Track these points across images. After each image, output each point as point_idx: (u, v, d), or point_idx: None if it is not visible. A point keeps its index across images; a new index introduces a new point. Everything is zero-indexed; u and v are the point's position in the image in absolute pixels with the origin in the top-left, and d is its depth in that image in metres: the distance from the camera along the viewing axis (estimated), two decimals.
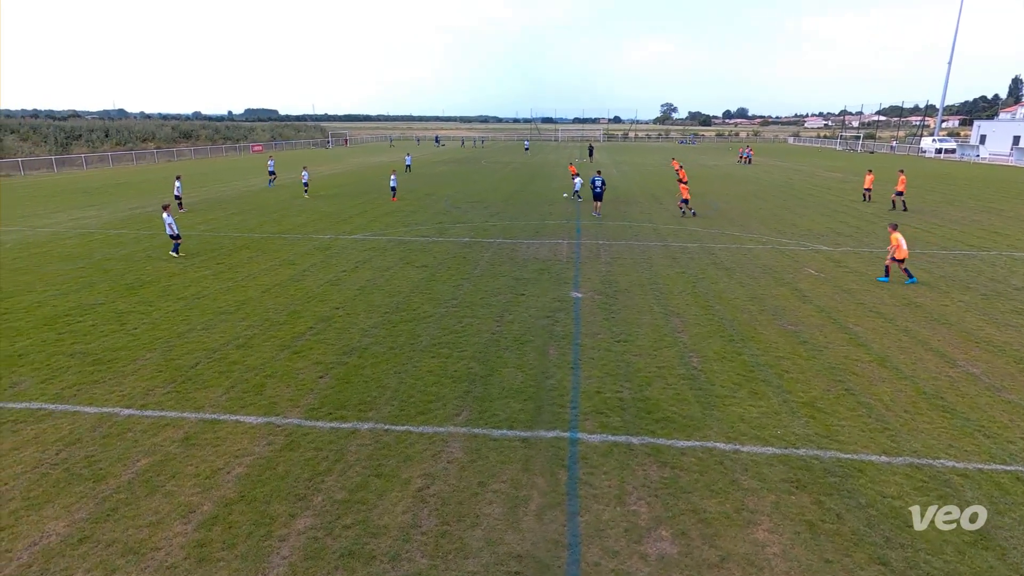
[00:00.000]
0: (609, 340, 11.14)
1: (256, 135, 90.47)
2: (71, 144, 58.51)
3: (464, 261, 17.29)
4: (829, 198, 31.70)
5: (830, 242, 20.12)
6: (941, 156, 71.52)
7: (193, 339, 11.11)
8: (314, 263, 16.97)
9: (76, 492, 6.63)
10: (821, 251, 18.77)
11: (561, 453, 7.42)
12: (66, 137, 59.00)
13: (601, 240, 20.36)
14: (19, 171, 46.70)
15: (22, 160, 48.27)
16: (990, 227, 23.01)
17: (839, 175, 45.65)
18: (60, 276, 15.54)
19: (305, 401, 8.71)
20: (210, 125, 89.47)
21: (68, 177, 44.46)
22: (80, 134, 61.27)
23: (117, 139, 64.29)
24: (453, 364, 10.00)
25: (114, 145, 62.50)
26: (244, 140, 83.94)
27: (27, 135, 55.90)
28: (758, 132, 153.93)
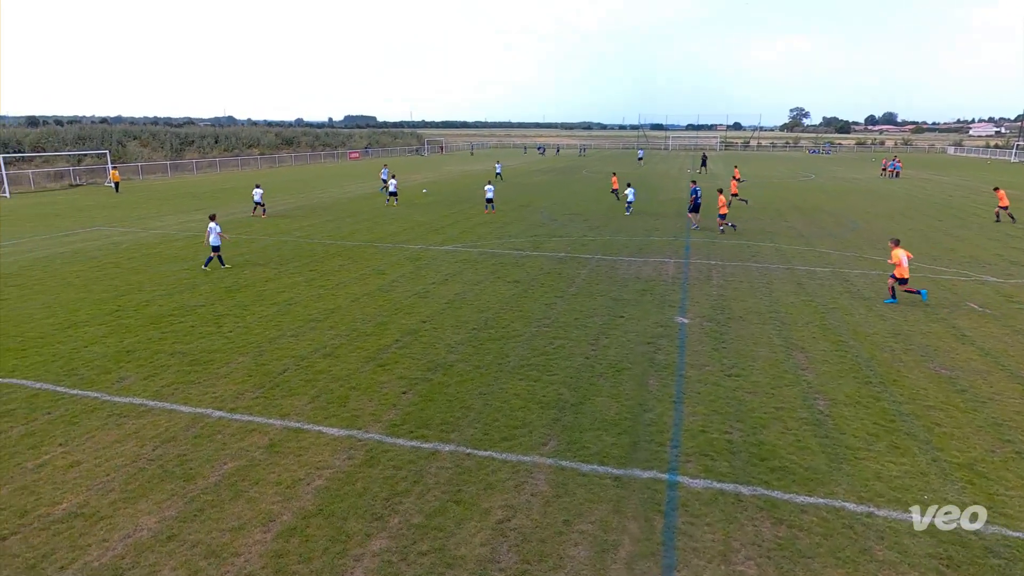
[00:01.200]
0: (718, 373, 10.66)
1: (354, 142, 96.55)
2: (184, 150, 65.54)
3: (559, 278, 17.32)
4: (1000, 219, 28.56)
5: (999, 272, 18.07)
6: None
7: (283, 345, 11.94)
8: (404, 273, 17.72)
9: (168, 489, 7.30)
10: (987, 283, 16.91)
11: (658, 497, 7.15)
12: (180, 143, 66.19)
13: (713, 260, 19.63)
14: (139, 175, 52.93)
15: (141, 164, 54.71)
16: None
17: (1013, 192, 41.00)
18: (167, 277, 17.34)
19: (387, 416, 9.06)
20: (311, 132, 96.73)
21: (180, 181, 49.75)
22: (193, 140, 68.51)
23: (225, 145, 71.19)
24: (542, 389, 10.00)
25: (222, 151, 69.23)
26: (342, 147, 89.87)
27: (147, 141, 63.33)
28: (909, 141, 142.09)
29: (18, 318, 13.62)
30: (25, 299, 15.13)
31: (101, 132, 60.17)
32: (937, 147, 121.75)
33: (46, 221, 28.18)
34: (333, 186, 45.07)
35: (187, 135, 69.85)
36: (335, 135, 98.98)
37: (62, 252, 20.90)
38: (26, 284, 16.58)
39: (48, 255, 20.42)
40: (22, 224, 27.26)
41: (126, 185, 45.12)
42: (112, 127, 67.98)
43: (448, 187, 43.98)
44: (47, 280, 17.02)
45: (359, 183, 46.77)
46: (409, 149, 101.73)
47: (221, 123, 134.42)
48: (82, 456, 8.00)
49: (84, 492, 7.23)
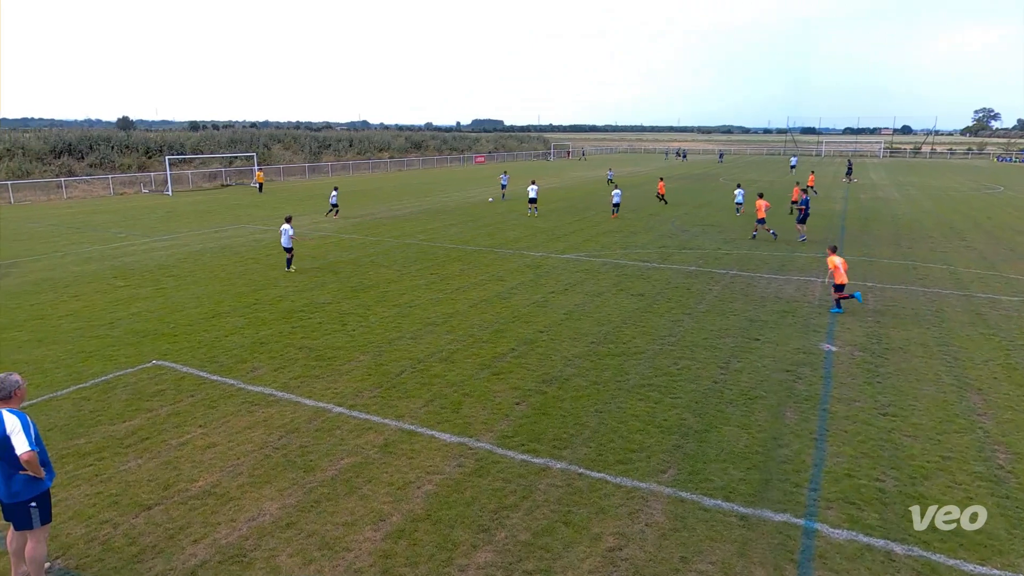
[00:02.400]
0: (871, 411, 9.75)
1: (480, 146, 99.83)
2: (322, 152, 71.25)
3: (687, 293, 16.75)
4: None
5: None
6: None
7: (401, 347, 12.56)
8: (523, 281, 18.00)
9: (289, 478, 7.93)
10: None
11: (790, 544, 6.66)
12: (318, 146, 72.05)
13: (870, 282, 18.04)
14: (280, 176, 58.30)
15: (283, 166, 60.24)
16: None
17: None
18: (300, 275, 18.90)
19: (499, 427, 9.22)
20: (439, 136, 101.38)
21: (316, 183, 54.12)
22: (329, 144, 74.31)
23: (359, 149, 76.49)
24: (663, 412, 9.70)
25: (355, 154, 74.44)
26: (468, 151, 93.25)
27: (289, 144, 69.61)
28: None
29: (172, 306, 15.47)
30: (179, 289, 17.17)
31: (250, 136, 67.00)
32: None
33: (200, 218, 31.83)
34: (457, 190, 46.82)
35: (325, 139, 75.90)
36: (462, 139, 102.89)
37: (211, 247, 23.48)
38: (180, 275, 18.82)
39: (200, 249, 23.03)
40: (180, 220, 31.00)
41: (268, 186, 49.84)
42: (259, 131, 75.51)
43: (572, 193, 44.12)
44: (197, 272, 19.20)
45: (483, 188, 48.22)
46: (536, 153, 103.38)
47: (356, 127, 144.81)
48: (217, 439, 8.91)
49: (217, 472, 8.04)
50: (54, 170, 46.33)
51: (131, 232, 27.09)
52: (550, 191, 45.67)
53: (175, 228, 28.28)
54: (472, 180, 56.29)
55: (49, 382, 10.82)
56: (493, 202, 38.33)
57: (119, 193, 44.97)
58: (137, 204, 38.19)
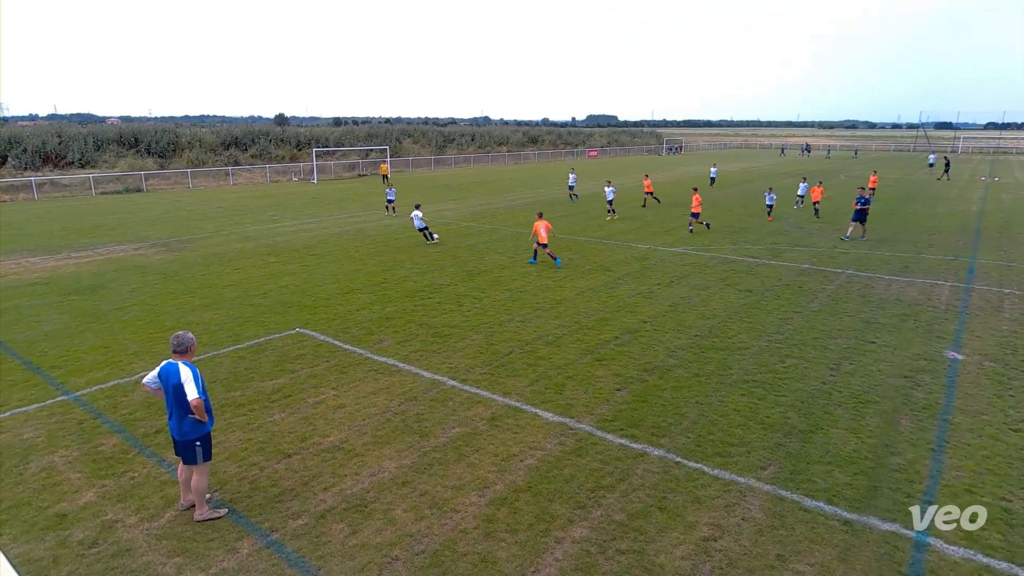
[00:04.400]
0: (999, 424, 8.71)
1: (593, 141, 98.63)
2: (446, 146, 73.52)
3: (799, 291, 15.70)
4: None
5: None
6: None
7: (511, 329, 12.78)
8: (629, 272, 17.67)
9: (407, 441, 8.34)
10: None
11: (899, 555, 6.13)
12: (444, 141, 74.38)
13: (1007, 288, 16.02)
14: (408, 168, 60.87)
15: (411, 159, 62.83)
16: None
17: None
18: (423, 258, 19.69)
19: (599, 410, 9.17)
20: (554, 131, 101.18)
21: (440, 174, 55.97)
22: (453, 138, 76.47)
23: (480, 143, 78.11)
24: (766, 408, 9.20)
25: (476, 148, 76.11)
26: (582, 145, 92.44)
27: (417, 139, 72.42)
28: None
29: (314, 282, 16.68)
30: (320, 267, 18.47)
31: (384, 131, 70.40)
32: None
33: (339, 204, 33.97)
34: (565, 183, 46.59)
35: (449, 134, 78.15)
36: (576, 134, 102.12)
37: (348, 231, 25.01)
38: (322, 254, 20.22)
39: (339, 232, 24.61)
40: (323, 206, 33.25)
41: (398, 177, 52.18)
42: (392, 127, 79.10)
43: (682, 188, 42.57)
44: (336, 252, 20.55)
45: (594, 181, 47.70)
46: (648, 148, 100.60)
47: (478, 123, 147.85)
48: (347, 400, 9.54)
49: (346, 431, 8.62)
50: (223, 160, 51.23)
51: (283, 215, 29.45)
52: (660, 184, 44.34)
53: (318, 212, 30.38)
54: (585, 173, 55.80)
55: (214, 341, 12.06)
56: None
57: (274, 181, 48.95)
58: (288, 191, 41.40)
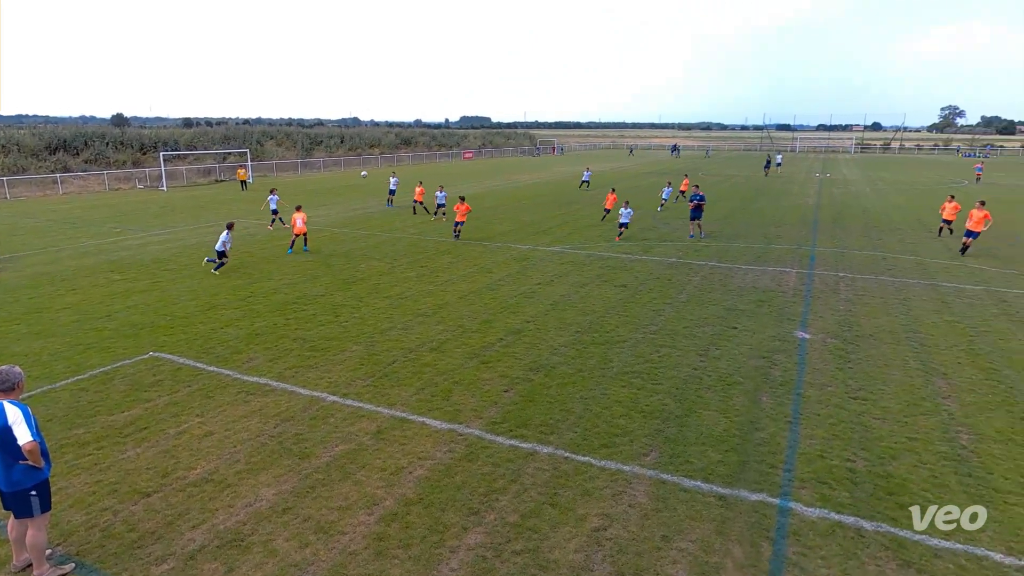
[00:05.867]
0: (842, 395, 9.89)
1: (468, 142, 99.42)
2: (313, 149, 70.61)
3: (668, 284, 16.84)
4: None
5: None
6: None
7: (393, 337, 12.53)
8: (510, 273, 18.00)
9: (285, 465, 7.90)
10: None
11: (766, 522, 6.76)
12: (310, 142, 71.38)
13: (842, 272, 18.24)
14: (272, 172, 57.71)
15: (275, 162, 59.63)
16: None
17: None
18: (293, 268, 18.76)
19: (488, 413, 9.24)
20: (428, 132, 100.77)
21: (307, 179, 53.64)
22: (321, 140, 73.62)
23: (350, 145, 75.87)
24: (645, 397, 9.77)
25: (347, 150, 73.85)
26: (456, 147, 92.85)
27: (281, 140, 68.89)
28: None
29: (168, 299, 15.31)
30: (175, 282, 16.98)
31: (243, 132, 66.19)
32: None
33: (194, 213, 31.44)
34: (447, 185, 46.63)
35: (316, 135, 75.14)
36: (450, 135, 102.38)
37: (206, 241, 23.21)
38: (176, 269, 18.61)
39: (195, 243, 22.77)
40: (175, 215, 30.60)
41: (259, 181, 49.30)
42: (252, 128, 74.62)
43: (557, 188, 44.11)
44: (193, 266, 18.99)
45: (471, 183, 48.07)
46: (521, 149, 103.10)
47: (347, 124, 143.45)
48: (215, 427, 8.85)
49: (215, 460, 8.00)
50: (49, 166, 45.50)
51: (127, 227, 26.72)
52: (535, 186, 45.64)
53: (170, 223, 27.93)
54: (460, 175, 56.11)
55: (47, 374, 10.68)
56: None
57: (114, 189, 44.30)
58: (132, 200, 37.65)
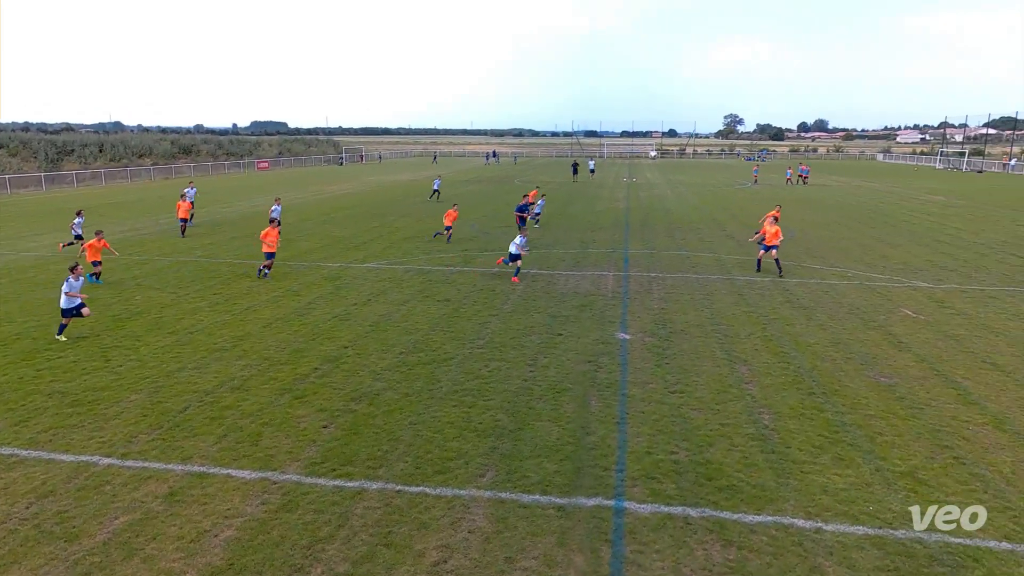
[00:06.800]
0: (662, 391, 10.95)
1: (263, 151, 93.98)
2: (62, 160, 61.73)
3: (492, 295, 17.38)
4: (928, 225, 30.95)
5: (931, 278, 19.53)
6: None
7: (183, 379, 11.37)
8: (321, 295, 17.31)
9: (46, 553, 6.75)
10: (920, 288, 18.22)
11: (604, 525, 7.23)
12: (57, 152, 62.25)
13: (653, 272, 20.25)
14: (6, 189, 49.35)
15: (9, 177, 51.04)
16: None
17: (940, 198, 44.64)
18: (43, 305, 16.19)
19: (306, 454, 8.77)
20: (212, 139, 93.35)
21: (58, 195, 46.77)
22: (72, 149, 64.59)
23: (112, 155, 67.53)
24: (478, 415, 9.96)
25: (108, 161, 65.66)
26: (249, 156, 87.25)
27: (16, 150, 59.24)
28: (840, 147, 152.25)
29: None
30: None
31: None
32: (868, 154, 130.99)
33: None
34: (239, 199, 43.64)
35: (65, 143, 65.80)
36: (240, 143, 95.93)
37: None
38: None
39: None
40: None
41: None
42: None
43: (370, 199, 43.46)
44: None
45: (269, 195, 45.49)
46: (326, 158, 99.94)
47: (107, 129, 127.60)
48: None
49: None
50: None
51: None
52: (345, 198, 44.53)
53: None
54: (256, 188, 52.84)
55: None
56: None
57: None
58: None
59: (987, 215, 35.27)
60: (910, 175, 72.69)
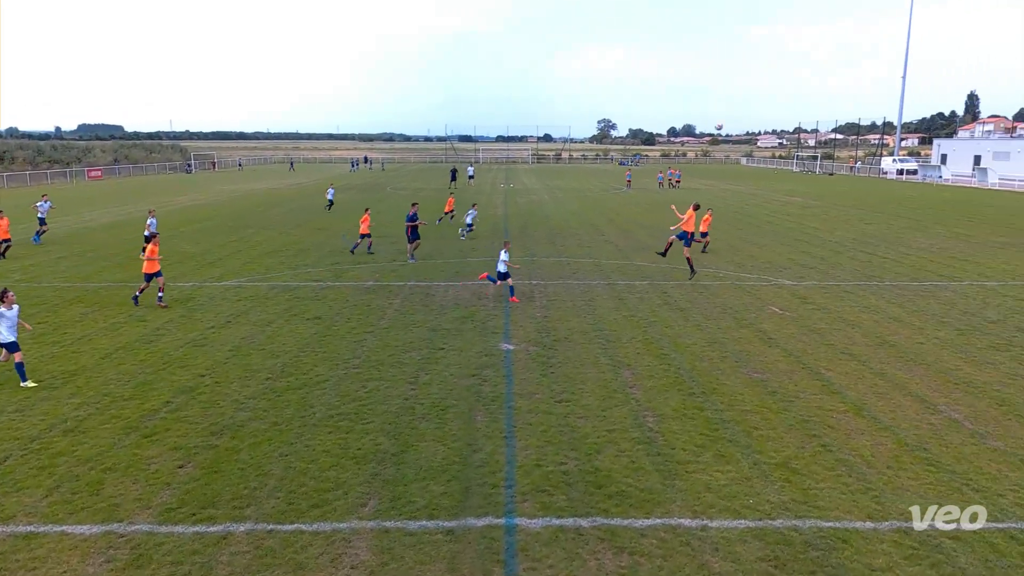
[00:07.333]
0: (548, 400, 11.20)
1: (95, 157, 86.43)
2: None
3: (367, 310, 17.03)
4: (789, 226, 33.98)
5: (794, 276, 21.44)
6: (903, 177, 78.88)
7: (1, 426, 10.17)
8: (171, 319, 16.16)
9: None
10: (784, 286, 19.95)
11: (495, 545, 7.27)
12: None
13: (535, 280, 20.71)
14: None
15: None
16: (959, 254, 25.41)
17: (798, 199, 49.21)
18: None
19: (159, 500, 8.12)
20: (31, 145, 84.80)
21: None
22: None
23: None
24: (356, 440, 9.69)
25: None
26: (78, 163, 79.92)
27: None
28: (708, 152, 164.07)
29: None
30: None
31: None
32: (732, 158, 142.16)
33: None
34: (67, 213, 39.77)
35: None
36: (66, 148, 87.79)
37: None
38: None
39: None
40: None
41: None
42: None
43: (225, 210, 41.20)
44: None
45: (105, 209, 41.89)
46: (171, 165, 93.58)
47: None
48: None
49: None
50: None
51: None
52: (196, 210, 41.92)
53: None
54: (88, 200, 48.46)
55: None
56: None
57: None
58: None
59: (839, 215, 39.34)
60: (771, 178, 79.64)
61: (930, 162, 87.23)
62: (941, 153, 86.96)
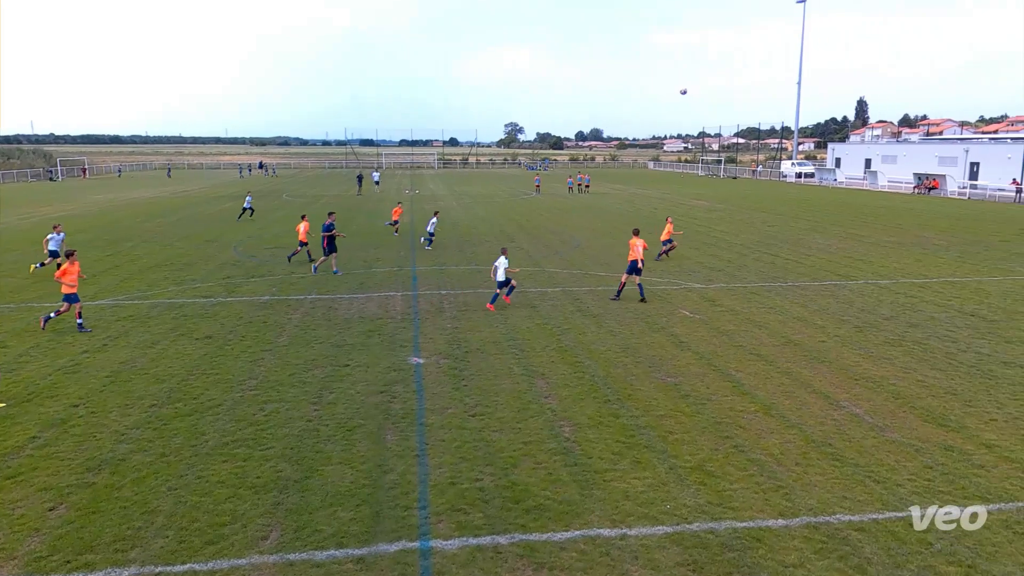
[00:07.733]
0: (462, 415, 11.15)
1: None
2: None
3: (264, 327, 16.42)
4: (697, 229, 35.48)
5: (702, 279, 22.39)
6: (801, 180, 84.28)
7: None
8: (36, 344, 14.98)
9: None
10: (694, 289, 20.80)
11: (409, 571, 7.14)
12: None
13: (444, 290, 20.63)
14: None
15: None
16: (854, 254, 27.36)
17: (705, 203, 51.53)
18: None
19: (26, 548, 7.48)
20: None
21: None
22: None
23: None
24: (254, 468, 9.29)
25: None
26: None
27: None
28: (615, 156, 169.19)
29: None
30: None
31: None
32: (640, 162, 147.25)
33: None
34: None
35: None
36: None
37: None
38: None
39: None
40: None
41: None
42: None
43: (99, 222, 38.70)
44: None
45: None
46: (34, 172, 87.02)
47: None
48: None
49: None
50: None
51: None
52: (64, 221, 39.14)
53: None
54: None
55: None
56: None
57: None
58: None
59: (743, 217, 41.48)
60: (677, 182, 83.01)
61: (826, 165, 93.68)
62: (836, 157, 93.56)
